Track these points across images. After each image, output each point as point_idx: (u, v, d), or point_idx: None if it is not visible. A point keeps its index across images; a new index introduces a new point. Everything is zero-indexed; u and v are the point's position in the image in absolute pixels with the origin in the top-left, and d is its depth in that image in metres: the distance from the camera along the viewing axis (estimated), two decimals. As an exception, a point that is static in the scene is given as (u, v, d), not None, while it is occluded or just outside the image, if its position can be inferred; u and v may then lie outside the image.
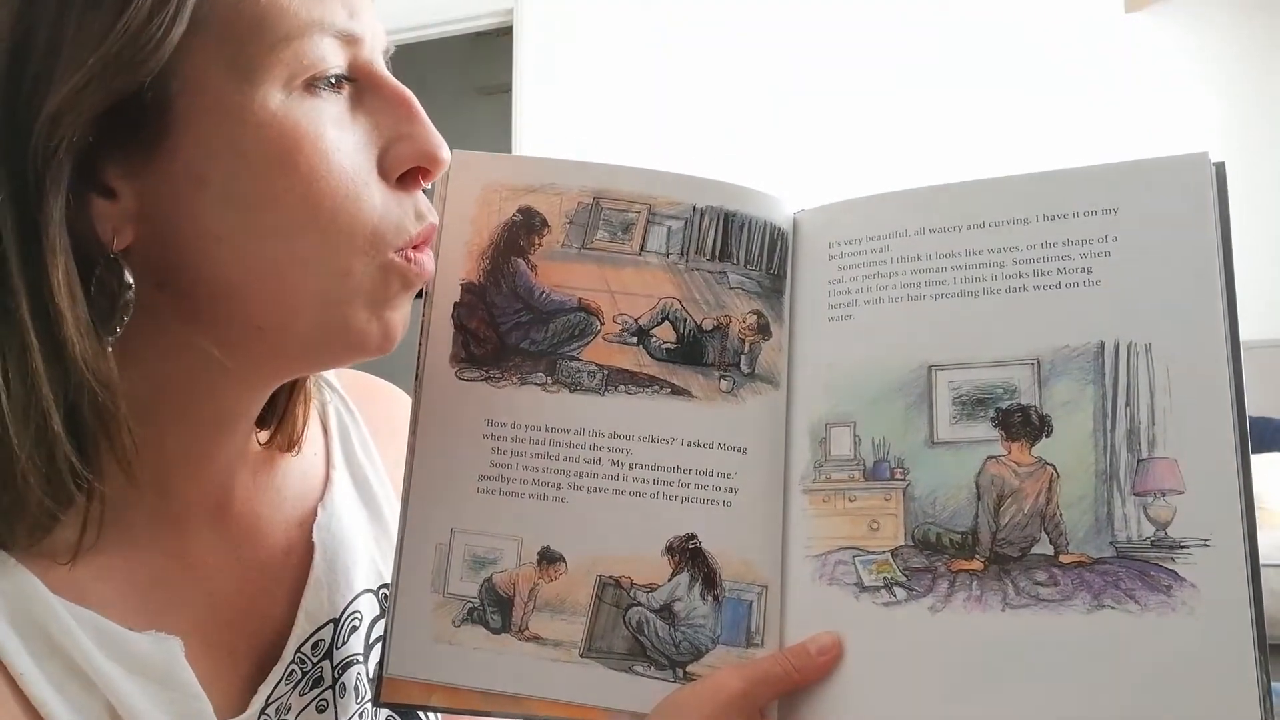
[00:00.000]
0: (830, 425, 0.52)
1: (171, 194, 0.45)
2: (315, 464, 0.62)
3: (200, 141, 0.44)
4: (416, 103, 0.50)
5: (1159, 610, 0.45)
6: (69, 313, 0.42)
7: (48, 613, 0.45)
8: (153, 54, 0.42)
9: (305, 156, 0.45)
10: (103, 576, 0.49)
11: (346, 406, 0.66)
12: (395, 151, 0.49)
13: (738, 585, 0.51)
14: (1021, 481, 0.48)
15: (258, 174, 0.45)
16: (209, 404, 0.51)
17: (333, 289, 0.47)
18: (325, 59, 0.46)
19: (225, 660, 0.53)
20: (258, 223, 0.46)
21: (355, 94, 0.49)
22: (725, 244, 0.54)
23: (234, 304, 0.47)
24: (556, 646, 0.52)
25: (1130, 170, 0.50)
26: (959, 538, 0.49)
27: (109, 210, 0.45)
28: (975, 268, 0.51)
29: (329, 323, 0.48)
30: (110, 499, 0.47)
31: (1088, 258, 0.50)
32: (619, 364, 0.53)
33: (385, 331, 0.50)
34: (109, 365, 0.44)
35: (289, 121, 0.45)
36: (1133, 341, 0.48)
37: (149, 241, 0.45)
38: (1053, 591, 0.47)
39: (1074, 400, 0.48)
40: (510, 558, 0.52)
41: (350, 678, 0.57)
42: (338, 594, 0.58)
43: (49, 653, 0.45)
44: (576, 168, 0.55)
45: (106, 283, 0.44)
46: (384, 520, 0.64)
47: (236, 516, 0.56)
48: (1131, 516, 0.47)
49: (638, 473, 0.52)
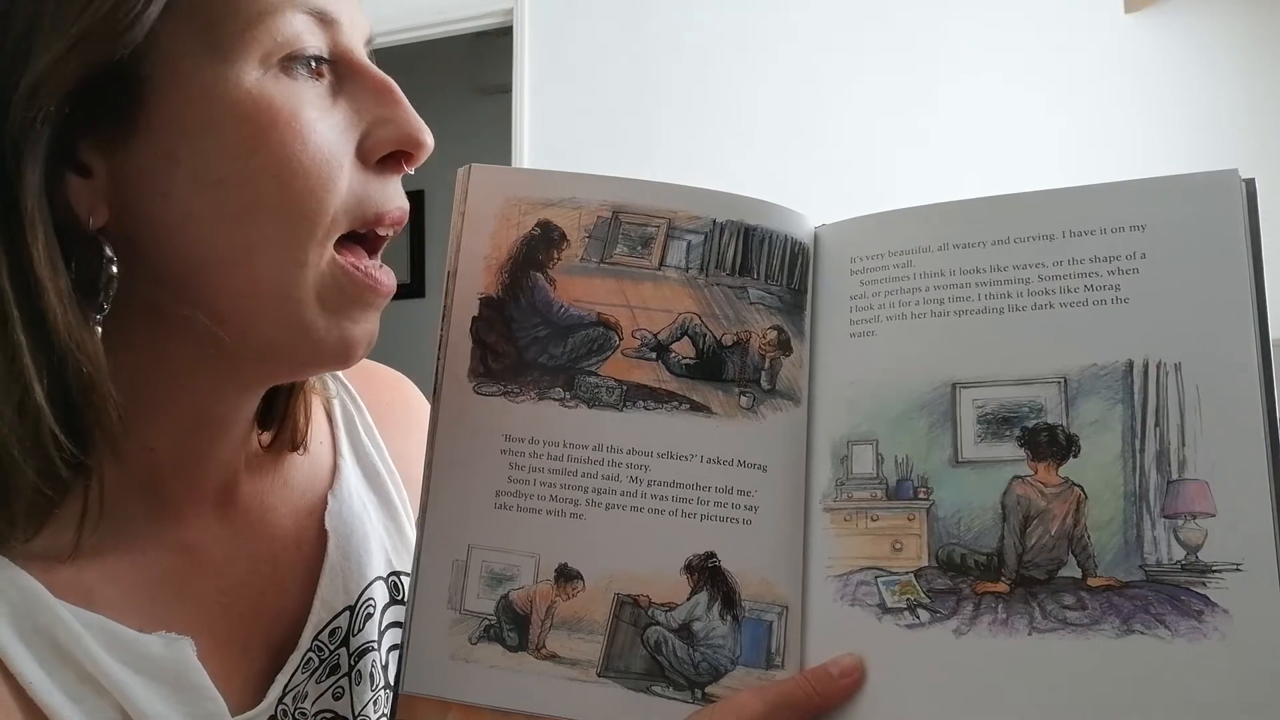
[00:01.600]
0: (852, 443, 0.51)
1: (145, 170, 0.45)
2: (322, 454, 0.62)
3: (173, 118, 0.44)
4: (399, 90, 0.50)
5: (1190, 636, 0.45)
6: (50, 284, 0.42)
7: (53, 619, 0.45)
8: (131, 26, 0.43)
9: (279, 134, 0.45)
10: (109, 578, 0.48)
11: (350, 394, 0.65)
12: (377, 135, 0.49)
13: (758, 605, 0.50)
14: (1048, 502, 0.48)
15: (229, 153, 0.45)
16: (192, 404, 0.50)
17: (289, 282, 0.47)
18: (300, 37, 0.46)
19: (238, 655, 0.52)
20: (228, 203, 0.45)
21: (335, 80, 0.48)
22: (746, 259, 0.53)
23: (203, 289, 0.46)
24: (573, 665, 0.51)
25: (1159, 186, 0.50)
26: (984, 559, 0.48)
27: (84, 188, 0.45)
28: (1000, 284, 0.50)
29: (287, 323, 0.47)
30: (108, 492, 0.46)
31: (1116, 275, 0.49)
32: (638, 379, 0.52)
33: (342, 344, 0.49)
34: (93, 338, 0.44)
35: (263, 100, 0.45)
36: (1162, 360, 0.47)
37: (124, 221, 0.45)
38: (1080, 615, 0.46)
39: (1102, 420, 0.48)
40: (527, 575, 0.52)
41: (366, 665, 0.57)
42: (352, 581, 0.58)
43: (58, 660, 0.45)
44: (596, 182, 0.54)
45: (89, 261, 0.44)
46: (393, 506, 0.64)
47: (244, 510, 0.56)
48: (1161, 539, 0.46)
49: (656, 490, 0.51)
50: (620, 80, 2.79)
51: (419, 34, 2.93)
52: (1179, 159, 2.26)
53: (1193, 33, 2.34)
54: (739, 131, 2.69)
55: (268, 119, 0.45)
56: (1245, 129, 2.25)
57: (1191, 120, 2.29)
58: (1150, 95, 2.33)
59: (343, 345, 0.49)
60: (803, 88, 2.66)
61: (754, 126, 2.68)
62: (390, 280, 0.51)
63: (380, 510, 0.63)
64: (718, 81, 2.72)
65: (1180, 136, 2.29)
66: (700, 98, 2.72)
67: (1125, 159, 2.30)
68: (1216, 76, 2.29)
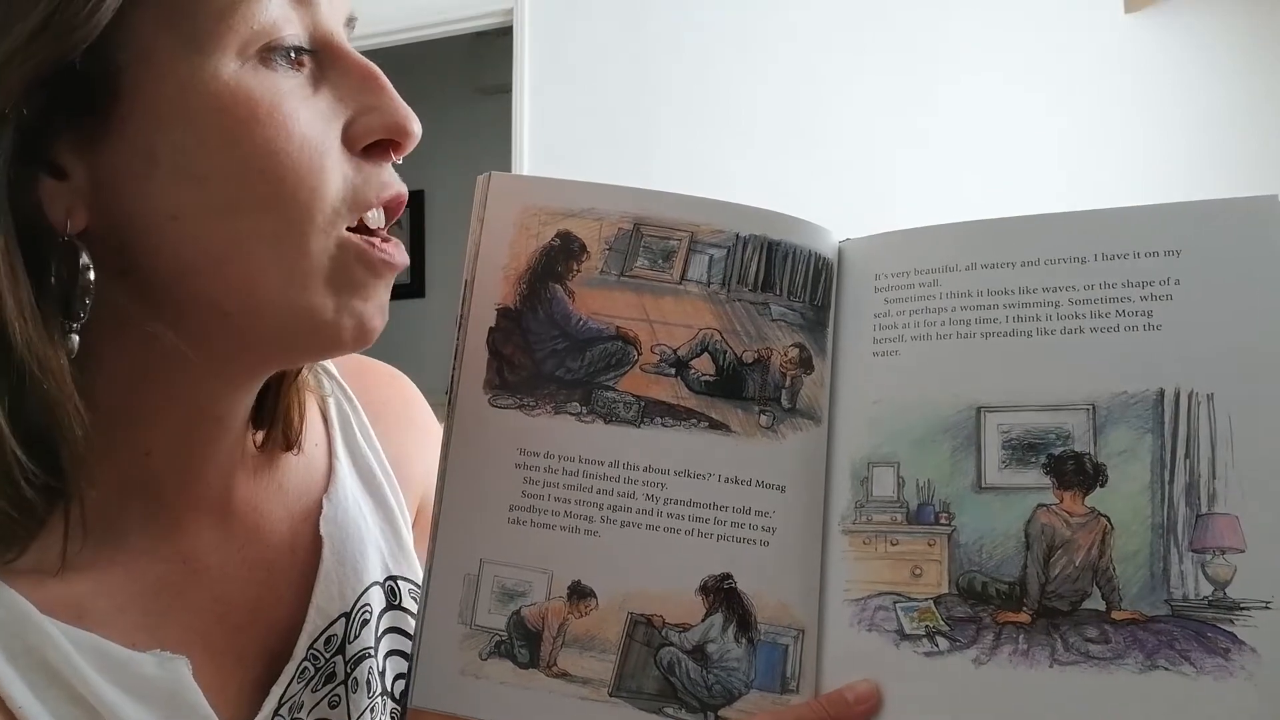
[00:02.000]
0: (873, 464, 0.51)
1: (124, 170, 0.43)
2: (317, 456, 0.60)
3: (150, 114, 0.43)
4: (383, 76, 0.48)
5: (1215, 674, 0.44)
6: (10, 296, 0.41)
7: (43, 639, 0.43)
8: (84, 23, 0.41)
9: (261, 126, 0.44)
10: (101, 591, 0.47)
11: (345, 393, 0.64)
12: (362, 123, 0.47)
13: (773, 628, 0.50)
14: (1073, 532, 0.47)
15: (210, 147, 0.43)
16: (188, 404, 0.49)
17: (293, 269, 0.45)
18: (278, 25, 0.44)
19: (233, 665, 0.51)
20: (212, 199, 0.44)
21: (316, 69, 0.47)
22: (768, 274, 0.52)
23: (196, 288, 0.45)
24: (585, 684, 0.50)
25: (1195, 211, 0.49)
26: (1006, 588, 0.47)
27: (60, 190, 0.43)
28: (1029, 306, 0.50)
29: (294, 308, 0.46)
30: (96, 505, 0.45)
31: (1148, 300, 0.48)
32: (656, 395, 0.51)
33: (358, 323, 0.48)
34: (57, 353, 0.42)
35: (242, 92, 0.43)
36: (1194, 390, 0.47)
37: (104, 223, 0.44)
38: (1104, 649, 0.45)
39: (1130, 450, 0.47)
40: (540, 591, 0.51)
41: (362, 672, 0.56)
42: (348, 587, 0.56)
43: (48, 681, 0.43)
44: (617, 192, 0.53)
45: (64, 269, 0.43)
46: (389, 509, 0.62)
47: (239, 515, 0.54)
48: (1189, 574, 0.45)
49: (673, 508, 0.50)
50: (620, 80, 2.78)
51: (419, 34, 2.91)
52: (1179, 159, 2.26)
53: (1193, 33, 2.34)
54: (739, 131, 2.68)
55: (247, 111, 0.43)
56: (1245, 129, 2.25)
57: (1191, 120, 2.29)
58: (1150, 95, 2.33)
59: (358, 324, 0.48)
60: (803, 88, 2.65)
61: (754, 126, 2.67)
62: (402, 254, 0.49)
63: (376, 513, 0.62)
64: (718, 81, 2.71)
65: (1180, 136, 2.29)
66: (700, 98, 2.71)
67: (1125, 159, 2.30)
68: (1216, 76, 2.29)
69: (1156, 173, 2.28)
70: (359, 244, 0.47)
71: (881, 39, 2.60)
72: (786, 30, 2.68)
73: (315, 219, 0.45)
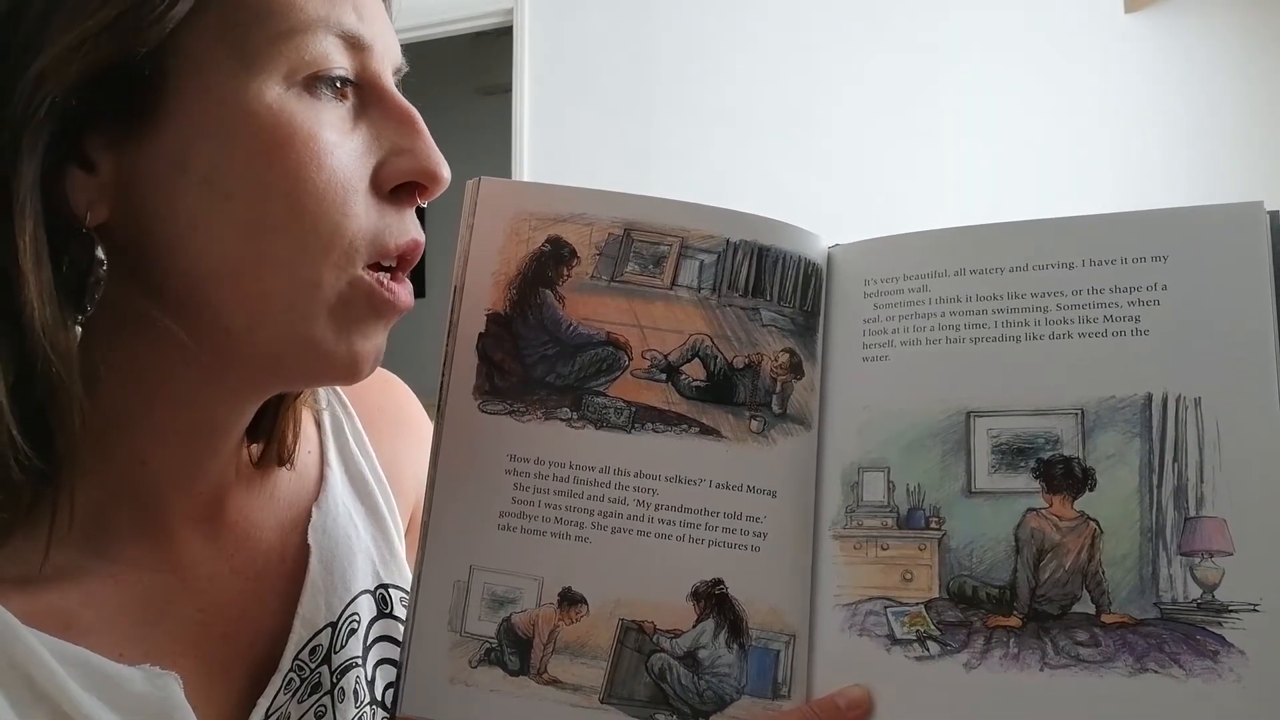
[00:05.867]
0: (863, 469, 0.51)
1: (152, 172, 0.44)
2: (309, 463, 0.60)
3: (189, 122, 0.44)
4: (421, 121, 0.49)
5: (1204, 676, 0.44)
6: (32, 276, 0.41)
7: (27, 655, 0.43)
8: (154, 24, 0.42)
9: (296, 153, 0.44)
10: (90, 601, 0.47)
11: (339, 398, 0.64)
12: (393, 164, 0.48)
13: (765, 634, 0.50)
14: (1063, 536, 0.47)
15: (242, 164, 0.44)
16: (189, 412, 0.49)
17: (300, 299, 0.46)
18: (328, 57, 0.45)
19: (220, 676, 0.51)
20: (235, 215, 0.44)
21: (359, 104, 0.48)
22: (759, 279, 0.52)
23: (201, 299, 0.45)
24: (576, 691, 0.50)
25: (1181, 217, 0.49)
26: (996, 592, 0.47)
27: (86, 183, 0.44)
28: (1017, 311, 0.50)
29: (294, 336, 0.47)
30: (87, 511, 0.45)
31: (1136, 305, 0.48)
32: (647, 401, 0.52)
33: (351, 359, 0.48)
34: (69, 338, 0.43)
35: (284, 115, 0.44)
36: (1181, 394, 0.47)
37: (124, 221, 0.44)
38: (1094, 652, 0.45)
39: (1119, 453, 0.47)
40: (530, 598, 0.51)
41: (349, 681, 0.56)
42: (335, 597, 0.56)
43: (33, 699, 0.43)
44: (607, 198, 0.53)
45: (78, 259, 0.43)
46: (381, 517, 0.62)
47: (229, 525, 0.54)
48: (1178, 577, 0.45)
49: (664, 514, 0.51)
50: (620, 80, 2.78)
51: (419, 34, 2.91)
52: (1179, 159, 2.26)
53: (1193, 33, 2.34)
54: (738, 131, 2.68)
55: (285, 136, 0.44)
56: (1245, 129, 2.25)
57: (1191, 120, 2.28)
58: (1150, 95, 2.33)
59: (351, 360, 0.49)
60: (802, 88, 2.65)
61: (753, 126, 2.67)
62: (408, 296, 0.50)
63: (368, 521, 0.61)
64: (717, 81, 2.71)
65: (1180, 136, 2.29)
66: (700, 98, 2.71)
67: (1125, 159, 2.30)
68: (1216, 76, 2.29)
69: (1156, 173, 2.28)
70: (370, 284, 0.47)
71: (881, 39, 2.60)
72: (787, 30, 2.68)
73: (332, 254, 0.46)
